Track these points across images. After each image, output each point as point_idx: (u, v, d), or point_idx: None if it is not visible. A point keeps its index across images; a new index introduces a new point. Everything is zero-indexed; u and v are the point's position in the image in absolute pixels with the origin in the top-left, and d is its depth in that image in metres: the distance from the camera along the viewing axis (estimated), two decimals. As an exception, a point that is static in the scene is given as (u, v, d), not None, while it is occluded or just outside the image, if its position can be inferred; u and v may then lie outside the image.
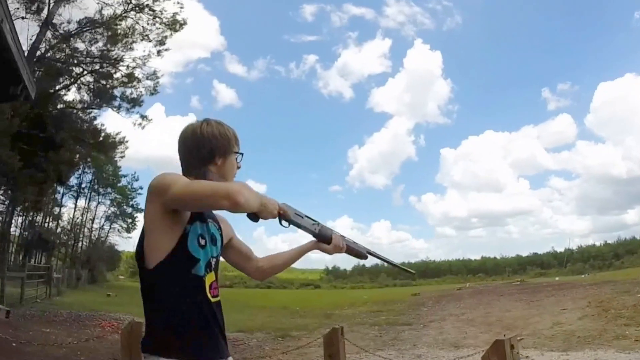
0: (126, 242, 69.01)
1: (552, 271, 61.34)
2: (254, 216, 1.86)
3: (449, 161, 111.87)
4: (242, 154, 2.00)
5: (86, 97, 25.08)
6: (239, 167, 2.00)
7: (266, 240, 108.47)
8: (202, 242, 1.81)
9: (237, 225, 2.07)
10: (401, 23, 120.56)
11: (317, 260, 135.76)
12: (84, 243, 48.32)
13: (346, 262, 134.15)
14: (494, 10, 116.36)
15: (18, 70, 6.01)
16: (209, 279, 1.83)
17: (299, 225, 2.08)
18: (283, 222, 2.00)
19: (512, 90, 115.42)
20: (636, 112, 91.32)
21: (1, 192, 25.47)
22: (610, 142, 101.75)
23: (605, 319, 12.71)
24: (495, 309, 17.42)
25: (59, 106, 24.30)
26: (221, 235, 1.96)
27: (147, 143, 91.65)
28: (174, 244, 1.73)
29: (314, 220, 2.14)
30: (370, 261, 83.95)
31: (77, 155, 26.78)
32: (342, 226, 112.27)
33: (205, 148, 1.89)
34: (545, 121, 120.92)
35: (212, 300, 1.83)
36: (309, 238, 2.18)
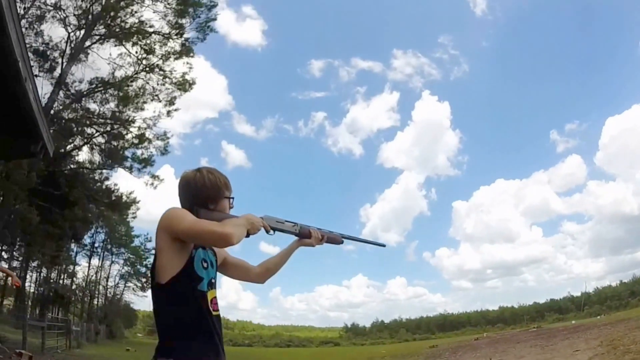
0: (142, 301, 68.77)
1: (570, 315, 60.40)
2: (245, 235, 2.23)
3: (461, 214, 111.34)
4: (232, 198, 2.37)
5: (98, 157, 25.57)
6: (231, 207, 2.36)
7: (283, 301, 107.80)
8: (205, 265, 2.19)
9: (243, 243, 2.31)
10: (409, 75, 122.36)
11: (336, 319, 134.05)
12: (100, 300, 48.49)
13: (365, 319, 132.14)
14: (500, 55, 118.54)
15: (38, 128, 6.29)
16: (211, 294, 2.19)
17: (282, 231, 2.46)
18: (270, 232, 2.39)
19: (521, 135, 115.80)
20: None
21: (16, 247, 25.97)
22: (621, 179, 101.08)
23: (614, 356, 12.68)
24: (510, 356, 17.27)
25: (71, 165, 24.96)
26: (216, 260, 2.33)
27: (158, 204, 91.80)
28: (183, 264, 2.09)
29: (293, 222, 2.51)
30: (388, 317, 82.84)
31: (91, 214, 27.22)
32: (358, 285, 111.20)
33: (198, 197, 2.25)
34: (555, 165, 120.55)
35: (214, 313, 2.17)
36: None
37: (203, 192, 2.25)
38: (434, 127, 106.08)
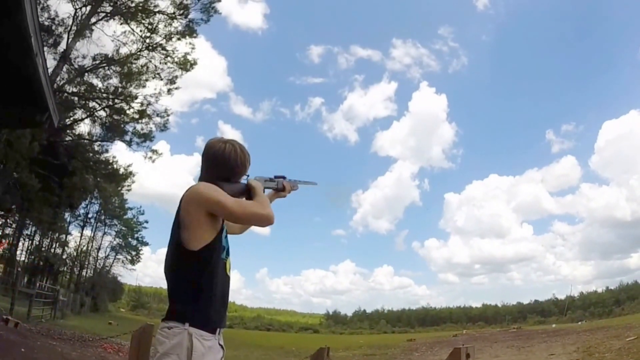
0: (130, 275, 69.13)
1: (551, 319, 60.57)
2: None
3: (453, 206, 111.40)
4: (248, 175, 2.48)
5: (99, 130, 25.89)
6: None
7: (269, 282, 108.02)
8: (225, 233, 2.32)
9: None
10: (407, 65, 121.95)
11: (319, 305, 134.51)
12: (89, 271, 48.75)
13: (347, 307, 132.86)
14: (499, 50, 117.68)
15: (45, 99, 6.45)
16: (228, 262, 2.35)
17: (268, 187, 2.68)
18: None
19: (517, 132, 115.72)
20: None
21: (10, 215, 26.17)
22: (614, 183, 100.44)
23: (588, 362, 13.14)
24: (485, 355, 17.63)
25: (72, 137, 25.15)
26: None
27: (153, 179, 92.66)
28: (214, 235, 2.19)
29: (275, 180, 2.75)
30: (371, 307, 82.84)
31: (88, 184, 27.41)
32: (345, 271, 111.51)
33: (226, 170, 2.35)
34: (549, 164, 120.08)
35: (229, 277, 2.35)
36: None
37: (233, 168, 2.37)
38: (430, 119, 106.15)
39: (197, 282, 2.16)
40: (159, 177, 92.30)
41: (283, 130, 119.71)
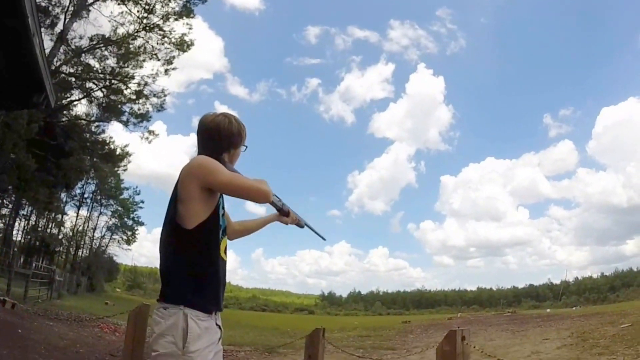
0: (125, 255, 69.08)
1: (546, 304, 61.23)
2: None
3: (449, 188, 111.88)
4: (247, 146, 2.50)
5: (95, 110, 25.83)
6: (239, 156, 2.51)
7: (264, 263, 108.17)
8: (222, 212, 2.28)
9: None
10: (405, 47, 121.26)
11: (314, 285, 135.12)
12: (85, 251, 48.82)
13: (342, 288, 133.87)
14: (498, 33, 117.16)
15: (42, 80, 6.47)
16: (224, 242, 2.30)
17: (272, 203, 2.57)
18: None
19: (514, 116, 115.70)
20: (638, 137, 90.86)
21: (7, 195, 26.12)
22: (612, 170, 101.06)
23: (582, 349, 13.14)
24: (480, 338, 17.71)
25: (69, 118, 25.01)
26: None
27: (149, 160, 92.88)
28: (210, 212, 2.16)
29: (279, 198, 2.62)
30: (366, 288, 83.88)
31: (86, 164, 27.35)
32: (340, 252, 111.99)
33: (224, 140, 2.34)
34: (546, 148, 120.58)
35: (225, 260, 2.31)
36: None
37: (230, 138, 2.37)
38: (428, 101, 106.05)
39: (192, 262, 2.14)
40: (155, 157, 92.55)
41: (279, 111, 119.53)
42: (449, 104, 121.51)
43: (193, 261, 2.14)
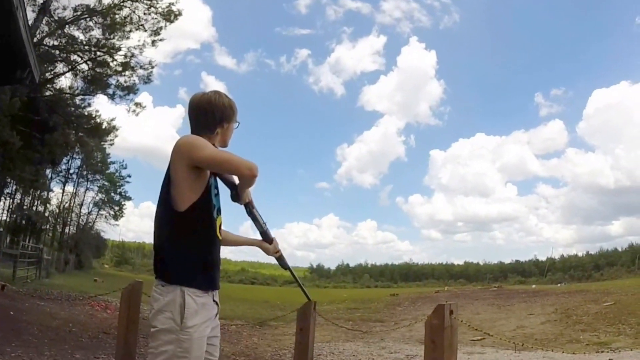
0: (113, 230, 68.87)
1: (532, 279, 61.60)
2: (237, 196, 2.41)
3: (438, 163, 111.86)
4: (239, 122, 2.51)
5: (80, 84, 25.09)
6: (233, 132, 2.49)
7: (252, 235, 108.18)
8: (215, 192, 2.29)
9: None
10: (397, 19, 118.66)
11: (302, 258, 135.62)
12: (72, 228, 48.34)
13: (331, 260, 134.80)
14: (493, 9, 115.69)
15: (26, 55, 6.31)
16: (218, 221, 2.32)
17: (255, 218, 2.58)
18: (248, 210, 2.53)
19: (505, 93, 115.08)
20: (629, 121, 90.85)
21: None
22: (600, 151, 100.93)
23: (565, 325, 13.45)
24: (467, 312, 18.02)
25: (53, 92, 24.49)
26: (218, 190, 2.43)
27: (135, 132, 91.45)
28: (201, 192, 2.17)
29: (264, 221, 2.63)
30: (354, 261, 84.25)
31: (71, 138, 26.96)
32: (329, 225, 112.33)
33: (217, 114, 2.32)
34: (536, 127, 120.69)
35: (220, 239, 2.36)
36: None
37: (223, 111, 2.35)
38: (419, 75, 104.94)
39: (186, 243, 2.17)
40: (142, 129, 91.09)
41: (268, 82, 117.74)
42: (440, 79, 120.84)
43: (187, 242, 2.17)
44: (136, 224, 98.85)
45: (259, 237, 2.72)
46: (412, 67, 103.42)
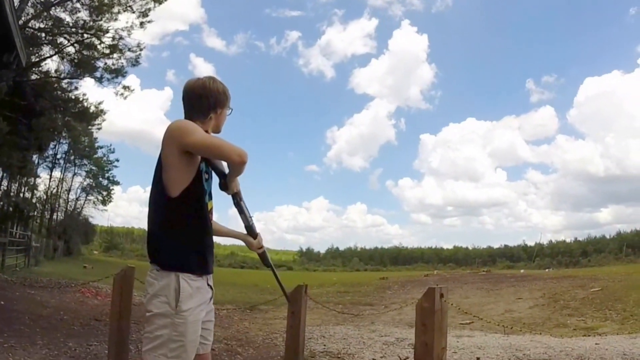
0: (101, 216, 68.50)
1: (520, 264, 62.48)
2: (225, 185, 2.41)
3: (428, 147, 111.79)
4: (232, 109, 2.54)
5: (67, 67, 24.68)
6: (226, 119, 2.53)
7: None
8: (206, 176, 2.32)
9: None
10: (389, 2, 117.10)
11: (292, 241, 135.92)
12: (60, 215, 47.84)
13: (320, 244, 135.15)
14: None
15: (12, 38, 6.25)
16: (210, 205, 2.38)
17: (242, 210, 2.56)
18: (236, 201, 2.51)
19: (497, 79, 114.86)
20: (619, 110, 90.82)
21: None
22: (591, 139, 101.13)
23: (553, 309, 13.64)
24: (456, 295, 18.16)
25: (39, 75, 24.11)
26: (212, 174, 2.46)
27: (123, 116, 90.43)
28: (192, 176, 2.20)
29: (250, 214, 2.61)
30: (343, 244, 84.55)
31: (58, 123, 26.63)
32: (318, 208, 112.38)
33: (211, 98, 2.37)
34: (527, 112, 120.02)
35: (212, 223, 2.41)
36: None
37: (217, 96, 2.39)
38: (410, 59, 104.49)
39: (180, 228, 2.21)
40: (129, 113, 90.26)
41: (257, 64, 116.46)
42: (431, 63, 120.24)
43: (181, 227, 2.22)
44: (124, 209, 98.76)
45: (244, 231, 2.69)
46: (403, 51, 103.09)
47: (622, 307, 12.56)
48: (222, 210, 2.54)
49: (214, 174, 2.43)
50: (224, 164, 2.37)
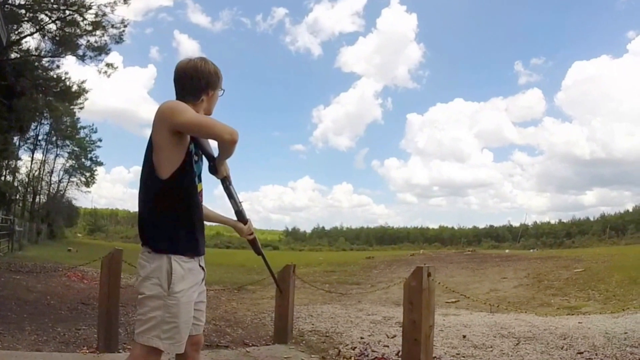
0: (85, 198, 67.65)
1: (505, 245, 62.96)
2: (215, 168, 2.38)
3: (415, 127, 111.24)
4: (224, 90, 2.52)
5: (49, 45, 24.18)
6: (217, 100, 2.50)
7: (227, 199, 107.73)
8: (196, 158, 2.31)
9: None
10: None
11: (277, 221, 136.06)
12: (43, 197, 47.10)
13: (306, 223, 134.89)
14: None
15: None
16: (199, 187, 2.34)
17: (231, 195, 2.55)
18: (225, 185, 2.49)
19: (485, 60, 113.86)
20: (606, 94, 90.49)
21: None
22: (577, 122, 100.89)
23: (537, 289, 13.85)
24: (441, 275, 18.25)
25: (19, 54, 23.61)
26: (202, 157, 2.44)
27: (105, 95, 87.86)
28: (182, 158, 2.19)
29: (240, 200, 2.59)
30: (329, 224, 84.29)
31: (39, 103, 26.19)
32: (304, 187, 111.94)
33: (202, 80, 2.34)
34: (515, 94, 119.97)
35: (202, 204, 2.39)
36: None
37: (209, 77, 2.37)
38: (398, 38, 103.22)
39: (170, 210, 2.21)
40: (112, 91, 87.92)
41: (243, 41, 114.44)
42: (420, 43, 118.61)
43: (172, 209, 2.21)
44: (108, 190, 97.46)
45: (234, 216, 2.68)
46: (391, 30, 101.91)
47: (604, 287, 12.78)
48: (207, 191, 2.51)
49: (204, 158, 2.42)
50: (214, 147, 2.35)
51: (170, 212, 2.21)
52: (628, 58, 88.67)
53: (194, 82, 2.34)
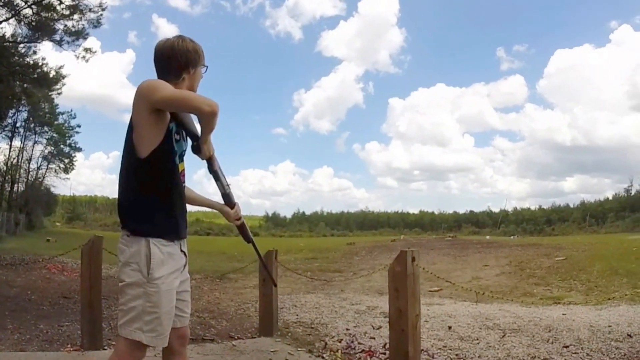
0: (63, 185, 66.75)
1: (485, 230, 63.26)
2: (198, 148, 2.27)
3: (396, 111, 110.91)
4: (207, 67, 2.46)
5: (25, 31, 23.50)
6: (201, 78, 2.45)
7: (207, 184, 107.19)
8: (177, 137, 2.25)
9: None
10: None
11: (258, 206, 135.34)
12: (21, 186, 46.20)
13: (286, 208, 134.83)
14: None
15: None
16: (181, 167, 2.30)
17: (217, 177, 2.43)
18: (210, 166, 2.37)
19: (468, 46, 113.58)
20: (588, 83, 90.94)
21: None
22: (559, 109, 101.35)
23: (519, 277, 13.94)
24: (423, 262, 18.11)
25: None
26: (186, 137, 2.36)
27: (83, 80, 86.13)
28: (162, 137, 2.14)
29: (227, 182, 2.50)
30: (310, 209, 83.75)
31: (16, 90, 25.70)
32: (284, 171, 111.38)
33: (181, 58, 2.29)
34: (496, 80, 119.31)
35: (184, 185, 2.34)
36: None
37: (187, 55, 2.32)
38: (380, 22, 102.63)
39: (150, 191, 2.18)
40: (90, 76, 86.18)
41: (223, 24, 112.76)
42: (402, 27, 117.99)
43: (150, 189, 2.18)
44: (87, 176, 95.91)
45: (220, 200, 2.57)
46: (373, 14, 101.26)
47: (586, 277, 12.85)
48: (189, 172, 2.43)
49: (188, 139, 2.35)
50: (198, 127, 2.26)
51: (149, 192, 2.17)
52: (610, 47, 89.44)
53: (172, 62, 2.29)
